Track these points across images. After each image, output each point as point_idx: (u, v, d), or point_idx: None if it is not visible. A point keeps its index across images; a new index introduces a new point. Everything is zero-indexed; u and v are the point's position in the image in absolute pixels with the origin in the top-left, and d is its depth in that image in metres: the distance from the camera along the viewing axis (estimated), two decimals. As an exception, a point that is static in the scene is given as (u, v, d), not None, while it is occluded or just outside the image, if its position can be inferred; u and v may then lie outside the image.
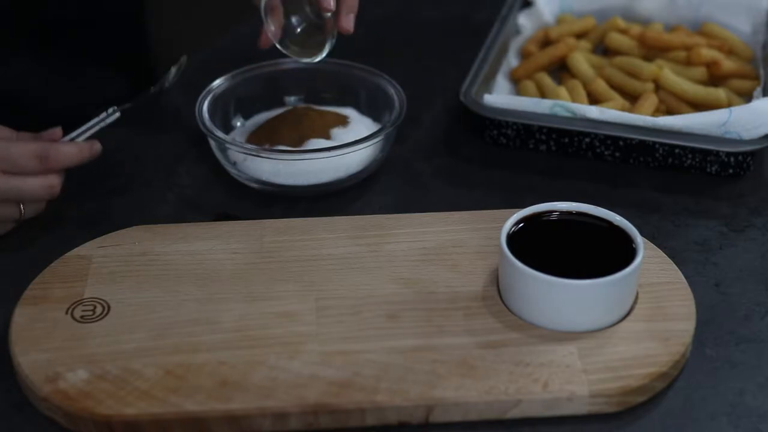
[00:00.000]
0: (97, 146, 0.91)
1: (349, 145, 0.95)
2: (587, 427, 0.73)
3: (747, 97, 1.05)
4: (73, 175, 0.99)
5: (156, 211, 0.94)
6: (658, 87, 1.05)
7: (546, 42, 1.15)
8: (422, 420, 0.73)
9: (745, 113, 0.96)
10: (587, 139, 1.00)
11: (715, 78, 1.08)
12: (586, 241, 0.81)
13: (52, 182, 0.88)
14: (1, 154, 0.85)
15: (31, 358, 0.75)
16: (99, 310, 0.80)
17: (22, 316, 0.79)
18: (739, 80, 1.07)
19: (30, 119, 0.92)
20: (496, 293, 0.81)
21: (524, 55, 1.14)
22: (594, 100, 1.05)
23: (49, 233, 0.91)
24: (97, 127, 0.93)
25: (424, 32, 1.25)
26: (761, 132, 0.96)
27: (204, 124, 0.96)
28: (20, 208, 0.88)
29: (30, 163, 0.86)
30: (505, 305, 0.80)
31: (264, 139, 0.98)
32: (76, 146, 0.90)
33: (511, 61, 1.14)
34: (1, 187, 0.86)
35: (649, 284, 0.81)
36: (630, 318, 0.78)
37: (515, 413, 0.73)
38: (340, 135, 0.98)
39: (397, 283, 0.82)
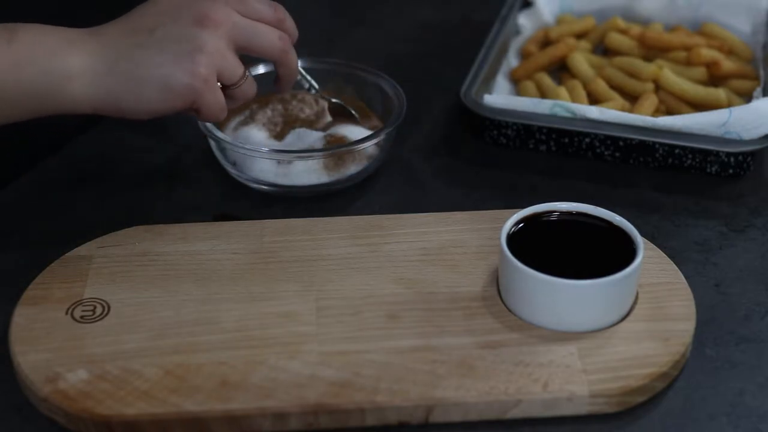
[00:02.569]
0: None
1: (350, 145, 0.95)
2: (587, 427, 0.73)
3: (747, 97, 1.05)
4: (73, 174, 0.99)
5: (156, 211, 0.94)
6: (658, 87, 1.05)
7: (546, 42, 1.15)
8: (422, 420, 0.73)
9: (745, 113, 0.96)
10: (587, 140, 1.00)
11: (715, 78, 1.08)
12: (586, 241, 0.81)
13: (284, 38, 0.87)
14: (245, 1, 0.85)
15: (31, 359, 0.75)
16: (99, 310, 0.80)
17: (22, 316, 0.79)
18: (739, 80, 1.07)
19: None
20: (496, 293, 0.81)
21: (524, 55, 1.14)
22: (594, 100, 1.05)
23: (49, 233, 0.91)
24: None
25: (423, 32, 1.25)
26: (761, 132, 0.96)
27: (204, 124, 0.96)
28: (245, 71, 0.86)
29: (264, 8, 0.86)
30: (505, 305, 0.80)
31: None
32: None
33: (511, 61, 1.14)
34: (240, 23, 0.84)
35: (649, 284, 0.81)
36: (630, 318, 0.78)
37: (515, 413, 0.73)
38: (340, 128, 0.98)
39: (397, 283, 0.82)
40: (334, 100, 1.00)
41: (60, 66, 0.80)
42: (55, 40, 0.81)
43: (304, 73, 0.97)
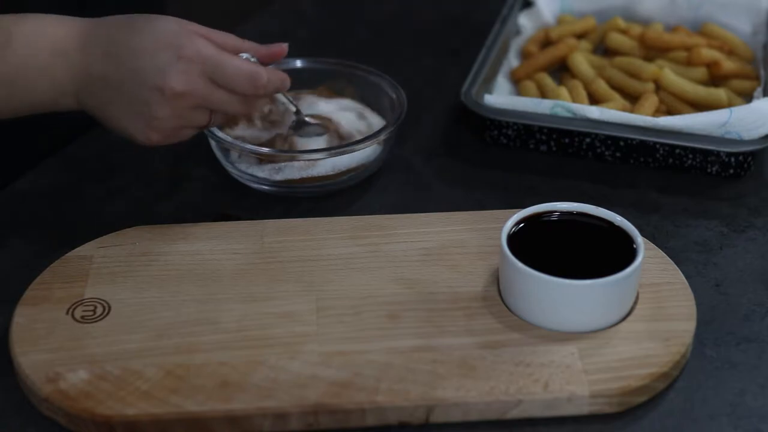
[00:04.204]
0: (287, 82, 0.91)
1: (350, 144, 0.95)
2: (587, 427, 0.73)
3: (747, 97, 1.05)
4: (73, 174, 0.99)
5: (156, 211, 0.94)
6: (659, 87, 1.05)
7: (546, 42, 1.15)
8: (422, 420, 0.73)
9: (745, 113, 0.96)
10: (588, 140, 1.00)
11: (715, 78, 1.08)
12: (587, 241, 0.81)
13: (253, 103, 0.88)
14: (219, 64, 0.84)
15: (31, 359, 0.75)
16: (99, 310, 0.80)
17: (22, 317, 0.79)
18: (740, 80, 1.07)
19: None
20: (497, 293, 0.81)
21: (525, 55, 1.14)
22: (594, 100, 1.05)
23: (49, 233, 0.91)
24: None
25: (424, 32, 1.25)
26: (761, 132, 0.96)
27: None
28: (211, 116, 0.87)
29: (241, 83, 0.85)
30: (506, 305, 0.80)
31: None
32: (282, 75, 0.88)
33: (512, 61, 1.14)
34: (207, 95, 0.84)
35: (650, 284, 0.81)
36: (630, 318, 0.78)
37: (515, 413, 0.73)
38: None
39: (398, 283, 0.82)
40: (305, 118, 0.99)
41: (50, 83, 0.83)
42: (48, 51, 0.82)
43: (284, 98, 0.97)
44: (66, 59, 0.83)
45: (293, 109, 0.97)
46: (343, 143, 0.96)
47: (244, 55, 0.87)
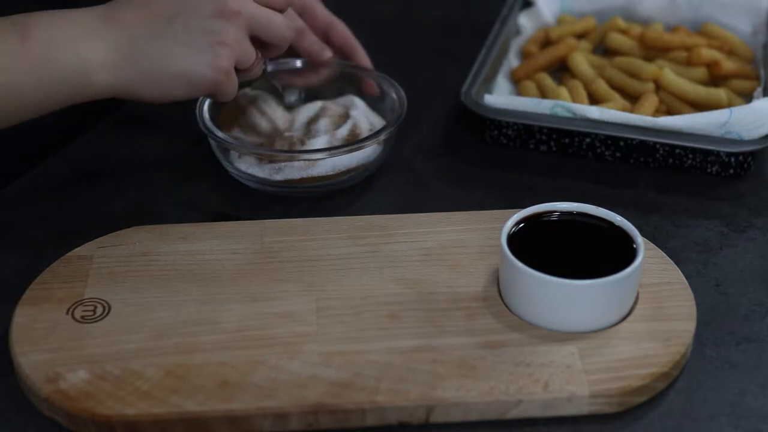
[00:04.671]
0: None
1: (350, 144, 0.95)
2: (587, 427, 0.73)
3: (747, 97, 1.05)
4: (73, 174, 0.99)
5: (156, 211, 0.94)
6: (659, 87, 1.05)
7: (546, 42, 1.15)
8: (422, 420, 0.73)
9: (745, 113, 0.96)
10: (588, 140, 1.00)
11: (715, 78, 1.08)
12: (587, 241, 0.81)
13: (297, 24, 0.89)
14: None
15: (31, 359, 0.75)
16: (99, 310, 0.80)
17: (22, 317, 0.79)
18: (740, 80, 1.07)
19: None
20: (497, 293, 0.81)
21: (525, 55, 1.14)
22: (594, 100, 1.05)
23: (49, 233, 0.91)
24: None
25: (424, 32, 1.25)
26: (762, 132, 0.96)
27: (204, 124, 0.96)
28: (258, 53, 0.87)
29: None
30: (506, 305, 0.80)
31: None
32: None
33: (512, 61, 1.14)
34: (255, 12, 0.85)
35: (650, 284, 0.81)
36: (630, 318, 0.78)
37: (515, 413, 0.73)
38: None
39: (398, 283, 0.82)
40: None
41: (77, 62, 0.80)
42: (70, 33, 0.81)
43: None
44: (92, 32, 0.81)
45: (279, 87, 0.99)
46: (343, 143, 0.96)
47: None
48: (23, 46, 0.79)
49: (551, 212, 0.83)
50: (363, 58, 1.04)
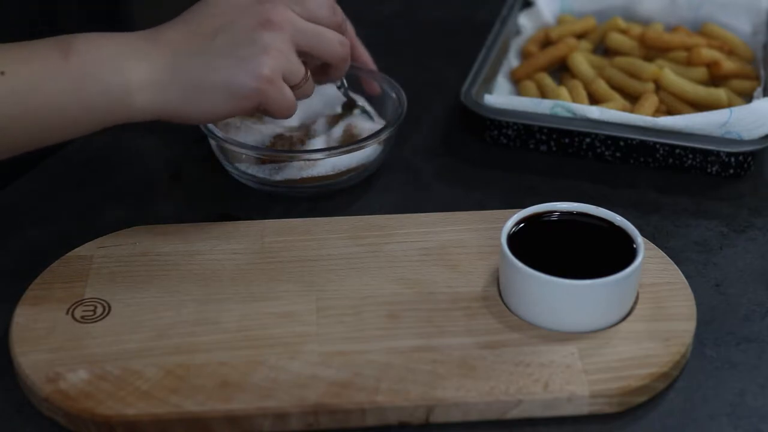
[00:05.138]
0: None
1: (350, 145, 0.95)
2: (587, 427, 0.73)
3: (747, 97, 1.05)
4: (73, 175, 0.99)
5: (156, 211, 0.94)
6: (659, 87, 1.05)
7: (546, 42, 1.15)
8: (422, 420, 0.73)
9: (745, 113, 0.96)
10: (588, 140, 1.00)
11: (715, 78, 1.08)
12: (587, 241, 0.81)
13: (345, 43, 0.87)
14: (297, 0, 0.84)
15: (31, 359, 0.75)
16: (99, 310, 0.80)
17: (22, 316, 0.79)
18: (740, 80, 1.07)
19: None
20: (497, 293, 0.81)
21: (525, 55, 1.14)
22: (594, 100, 1.05)
23: (49, 233, 0.91)
24: None
25: (424, 32, 1.25)
26: (762, 132, 0.96)
27: (204, 123, 0.96)
28: (306, 70, 0.85)
29: (322, 11, 0.85)
30: (506, 305, 0.80)
31: None
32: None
33: (512, 61, 1.14)
34: (301, 25, 0.83)
35: (650, 284, 0.81)
36: (630, 318, 0.78)
37: (515, 413, 0.73)
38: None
39: (398, 283, 0.82)
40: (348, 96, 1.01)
41: (120, 81, 0.79)
42: (113, 51, 0.80)
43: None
44: (136, 51, 0.80)
45: (339, 84, 0.98)
46: (344, 143, 0.96)
47: None
48: (66, 63, 0.78)
49: (551, 212, 0.83)
50: (364, 55, 1.03)
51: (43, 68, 0.78)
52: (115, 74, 0.79)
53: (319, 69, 0.90)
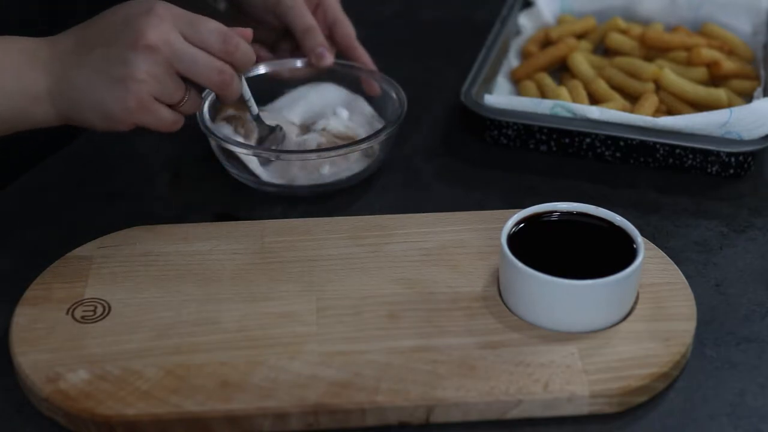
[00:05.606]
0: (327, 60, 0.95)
1: (350, 145, 0.95)
2: (587, 427, 0.73)
3: (747, 97, 1.05)
4: (73, 174, 0.99)
5: (156, 211, 0.94)
6: (659, 87, 1.05)
7: (546, 42, 1.15)
8: (423, 420, 0.73)
9: (745, 113, 0.96)
10: (588, 140, 1.00)
11: (715, 78, 1.08)
12: (587, 241, 0.81)
13: (225, 72, 0.84)
14: (192, 19, 0.82)
15: (31, 359, 0.75)
16: (99, 310, 0.80)
17: (22, 317, 0.79)
18: (740, 80, 1.07)
19: None
20: (497, 293, 0.81)
21: (525, 55, 1.14)
22: (594, 100, 1.05)
23: (49, 233, 0.91)
24: None
25: (424, 32, 1.25)
26: (762, 132, 0.96)
27: (204, 124, 0.96)
28: (186, 91, 0.84)
29: (212, 37, 0.82)
30: (506, 306, 0.80)
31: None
32: (251, 49, 0.85)
33: (512, 61, 1.14)
34: (180, 49, 0.81)
35: (650, 284, 0.81)
36: (630, 318, 0.78)
37: (515, 413, 0.73)
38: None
39: (398, 283, 0.82)
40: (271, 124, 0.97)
41: (23, 91, 0.81)
42: (16, 58, 0.81)
43: (248, 98, 0.93)
44: (35, 60, 0.81)
45: (255, 111, 0.94)
46: (342, 144, 0.96)
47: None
48: None
49: (551, 212, 0.83)
50: (363, 56, 1.04)
51: None
52: (16, 84, 0.81)
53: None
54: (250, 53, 0.86)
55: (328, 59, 1.00)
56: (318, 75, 1.04)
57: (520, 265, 0.76)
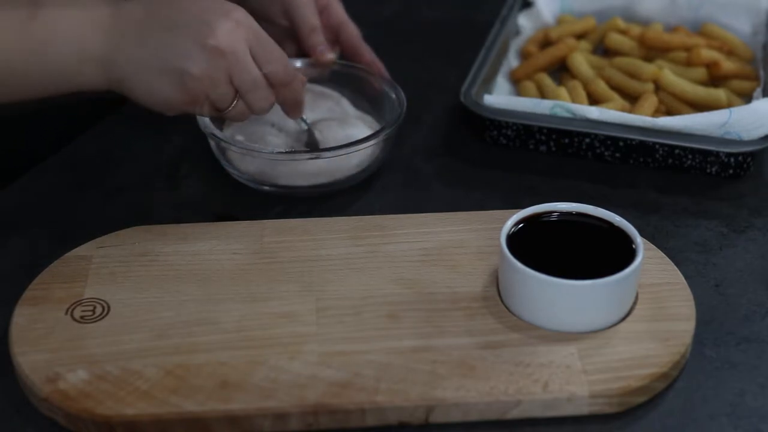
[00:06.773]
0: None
1: (350, 145, 0.95)
2: (587, 427, 0.73)
3: (747, 97, 1.05)
4: (73, 174, 0.99)
5: (156, 211, 0.94)
6: (658, 87, 1.05)
7: (546, 42, 1.15)
8: (422, 420, 0.73)
9: (745, 114, 0.96)
10: (587, 140, 1.00)
11: (715, 78, 1.08)
12: (586, 241, 0.81)
13: (272, 102, 0.86)
14: (264, 36, 0.83)
15: (31, 359, 0.75)
16: (99, 310, 0.80)
17: (22, 317, 0.79)
18: (739, 81, 1.07)
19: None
20: (496, 294, 0.81)
21: (524, 55, 1.14)
22: (594, 100, 1.05)
23: (49, 233, 0.91)
24: None
25: (424, 32, 1.25)
26: (761, 133, 0.96)
27: (204, 124, 0.96)
28: (233, 100, 0.85)
29: (277, 65, 0.84)
30: (506, 306, 0.80)
31: None
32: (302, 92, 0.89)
33: (512, 61, 1.14)
34: (244, 63, 0.82)
35: (649, 285, 0.81)
36: (630, 318, 0.78)
37: (515, 414, 0.73)
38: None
39: (397, 283, 0.82)
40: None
41: (77, 50, 0.80)
42: (76, 20, 0.80)
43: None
44: (97, 24, 0.81)
45: (305, 126, 0.97)
46: (342, 144, 0.96)
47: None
48: (30, 25, 0.79)
49: (551, 212, 0.83)
50: (367, 55, 1.03)
51: (8, 25, 0.79)
52: (72, 44, 0.80)
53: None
54: (300, 94, 0.89)
55: (330, 54, 1.01)
56: (318, 75, 1.04)
57: (519, 265, 0.76)
